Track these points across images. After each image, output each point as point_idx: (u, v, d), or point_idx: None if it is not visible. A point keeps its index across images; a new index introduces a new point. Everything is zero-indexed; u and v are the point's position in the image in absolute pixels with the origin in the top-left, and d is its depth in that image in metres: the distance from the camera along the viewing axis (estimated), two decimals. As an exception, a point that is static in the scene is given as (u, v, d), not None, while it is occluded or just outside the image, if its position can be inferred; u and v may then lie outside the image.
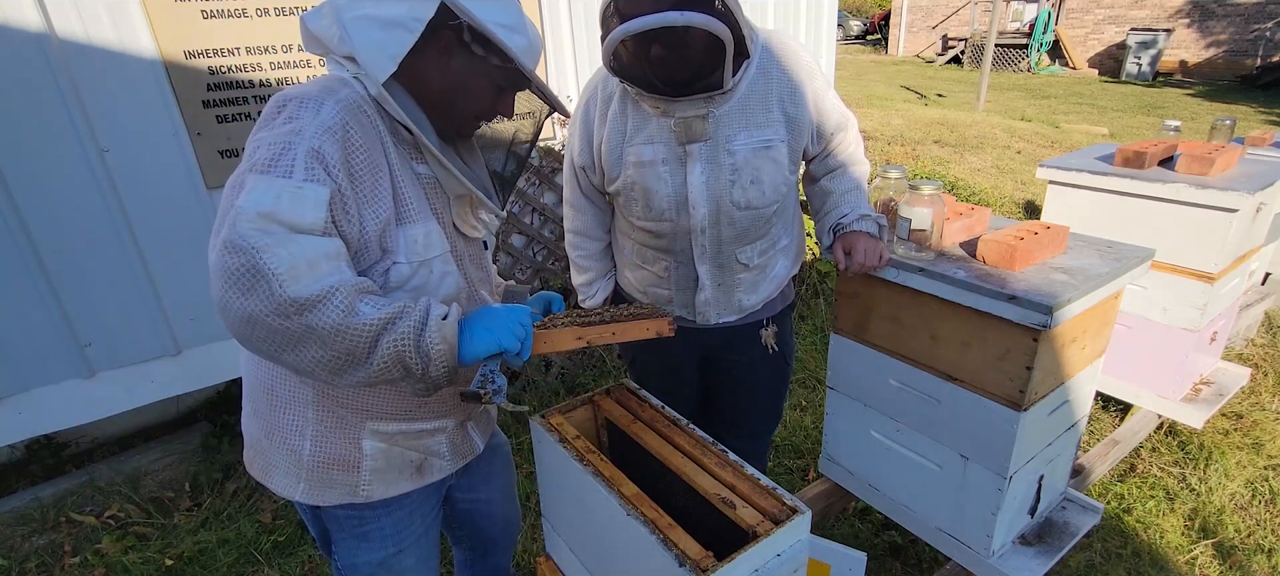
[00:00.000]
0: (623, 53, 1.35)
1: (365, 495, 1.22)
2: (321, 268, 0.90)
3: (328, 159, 0.94)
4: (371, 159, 1.02)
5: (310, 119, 0.96)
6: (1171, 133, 2.77)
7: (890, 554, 2.24)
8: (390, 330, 0.92)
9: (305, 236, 0.90)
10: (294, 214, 0.89)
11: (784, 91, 1.53)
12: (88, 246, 2.27)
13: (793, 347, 1.91)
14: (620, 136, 1.56)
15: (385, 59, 1.01)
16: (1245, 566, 2.16)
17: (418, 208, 1.11)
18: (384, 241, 1.06)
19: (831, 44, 4.28)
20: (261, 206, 0.88)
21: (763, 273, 1.69)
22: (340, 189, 0.96)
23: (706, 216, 1.55)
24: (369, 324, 0.91)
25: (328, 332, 0.89)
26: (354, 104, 1.02)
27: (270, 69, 2.48)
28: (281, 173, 0.91)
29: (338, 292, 0.89)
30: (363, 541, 1.30)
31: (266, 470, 1.24)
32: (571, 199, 1.75)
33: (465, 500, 1.52)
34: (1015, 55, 15.13)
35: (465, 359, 1.00)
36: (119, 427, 2.78)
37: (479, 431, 1.43)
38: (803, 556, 1.13)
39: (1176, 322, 2.45)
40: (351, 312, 0.90)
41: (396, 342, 0.93)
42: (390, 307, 0.94)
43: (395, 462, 1.24)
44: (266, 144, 0.94)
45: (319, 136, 0.94)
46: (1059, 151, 7.25)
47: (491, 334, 1.00)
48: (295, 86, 1.03)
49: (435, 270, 1.14)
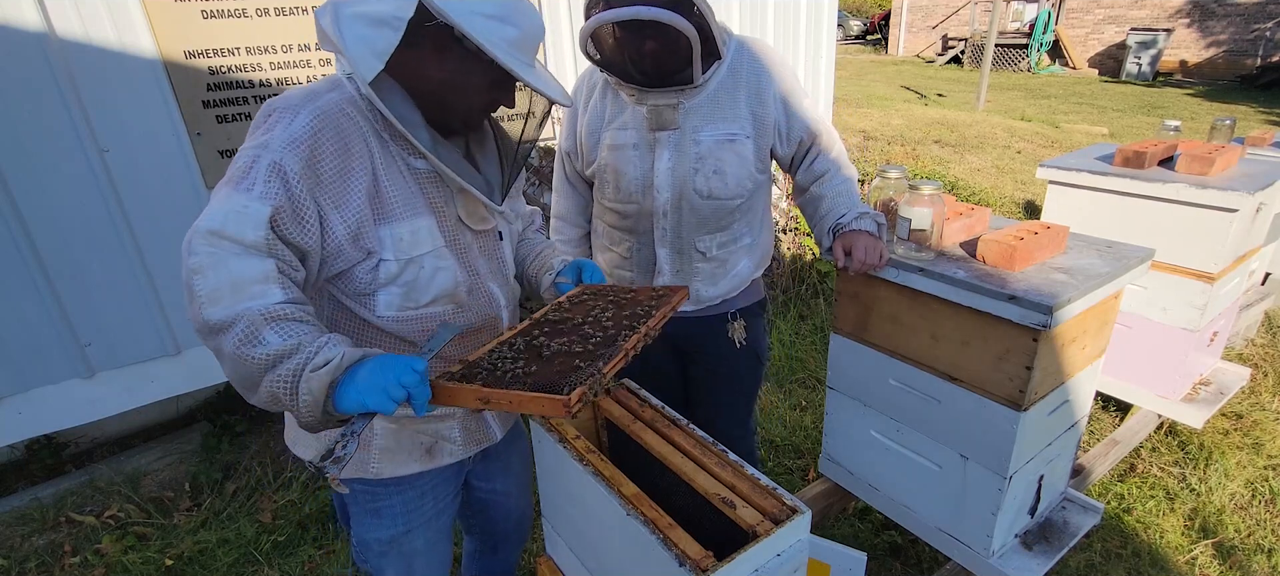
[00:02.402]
0: (605, 41, 1.49)
1: (375, 471, 1.27)
2: (247, 292, 0.93)
3: (288, 172, 0.98)
4: (343, 164, 1.04)
5: (282, 131, 1.00)
6: (1171, 133, 2.77)
7: (890, 554, 2.24)
8: (276, 367, 0.92)
9: (249, 255, 0.94)
10: (238, 231, 0.94)
11: (751, 91, 1.64)
12: (88, 246, 2.27)
13: (765, 346, 1.96)
14: (599, 121, 1.69)
15: (372, 57, 1.01)
16: (1245, 566, 2.16)
17: (406, 205, 1.12)
18: (362, 241, 1.08)
19: (831, 44, 4.28)
20: (211, 225, 0.94)
21: (722, 266, 1.75)
22: (294, 201, 0.99)
23: (669, 200, 1.65)
24: (260, 358, 0.91)
25: (228, 357, 0.93)
26: (337, 107, 1.05)
27: (270, 69, 2.48)
28: (244, 188, 0.97)
29: (242, 320, 0.91)
30: (374, 517, 1.34)
31: (294, 441, 1.31)
32: (557, 183, 1.89)
33: (483, 489, 1.54)
34: (1015, 55, 15.14)
35: (339, 411, 0.94)
36: (119, 427, 2.78)
37: (498, 419, 1.45)
38: (803, 556, 1.13)
39: (1176, 323, 2.45)
40: (251, 342, 0.91)
41: (274, 382, 0.92)
42: (287, 341, 0.92)
43: (404, 443, 1.28)
44: (240, 156, 1.00)
45: (283, 149, 0.99)
46: (1059, 151, 7.25)
47: (360, 395, 0.92)
48: (284, 94, 1.07)
49: (426, 266, 1.15)
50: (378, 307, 1.15)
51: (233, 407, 2.93)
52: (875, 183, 1.80)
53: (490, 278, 1.29)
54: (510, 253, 1.38)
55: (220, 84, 2.39)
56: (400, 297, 1.15)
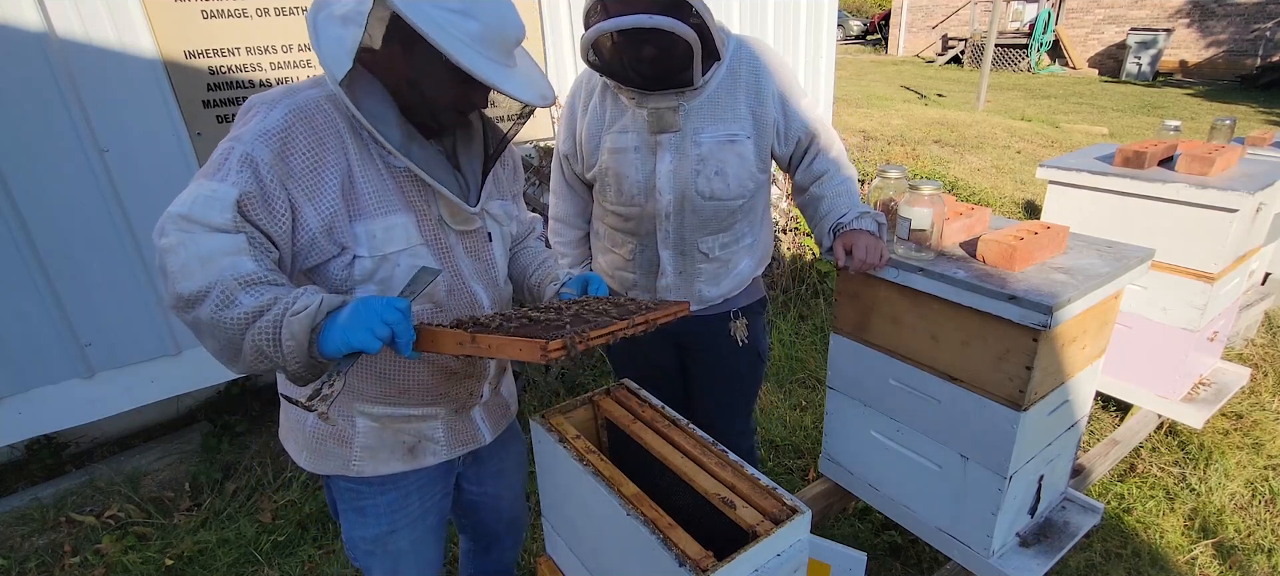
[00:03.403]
0: (605, 48, 1.49)
1: (357, 470, 1.28)
2: (216, 264, 0.94)
3: (258, 162, 1.00)
4: (316, 158, 1.05)
5: (257, 124, 1.03)
6: (1171, 133, 2.77)
7: (890, 554, 2.24)
8: (256, 322, 0.93)
9: (218, 234, 0.96)
10: (206, 215, 0.96)
11: (750, 90, 1.64)
12: (88, 246, 2.27)
13: (766, 345, 1.96)
14: (599, 125, 1.68)
15: (342, 55, 1.02)
16: (1245, 566, 2.16)
17: (380, 202, 1.12)
18: (335, 235, 1.09)
19: (831, 44, 4.28)
20: (181, 210, 0.97)
21: (724, 266, 1.75)
22: (263, 189, 1.00)
23: (671, 203, 1.65)
24: (239, 317, 0.93)
25: (207, 325, 0.94)
26: (313, 103, 1.07)
27: (270, 69, 2.48)
28: (218, 177, 0.99)
29: (216, 287, 0.93)
30: (360, 515, 1.35)
31: (285, 437, 1.34)
32: (556, 186, 1.88)
33: (473, 491, 1.54)
34: (1015, 55, 15.13)
35: (324, 354, 0.95)
36: (119, 427, 2.78)
37: (488, 422, 1.44)
38: (803, 556, 1.13)
39: (1176, 322, 2.45)
40: (227, 305, 0.93)
41: (257, 336, 0.93)
42: (262, 298, 0.94)
43: (386, 442, 1.29)
44: (218, 149, 1.03)
45: (254, 141, 1.01)
46: (1059, 151, 7.25)
47: (344, 333, 0.94)
48: (266, 91, 1.10)
49: (401, 264, 1.15)
50: None
51: (233, 407, 2.93)
52: (875, 183, 1.80)
53: (474, 278, 1.27)
54: (501, 255, 1.35)
55: (220, 84, 2.39)
56: (376, 294, 1.14)
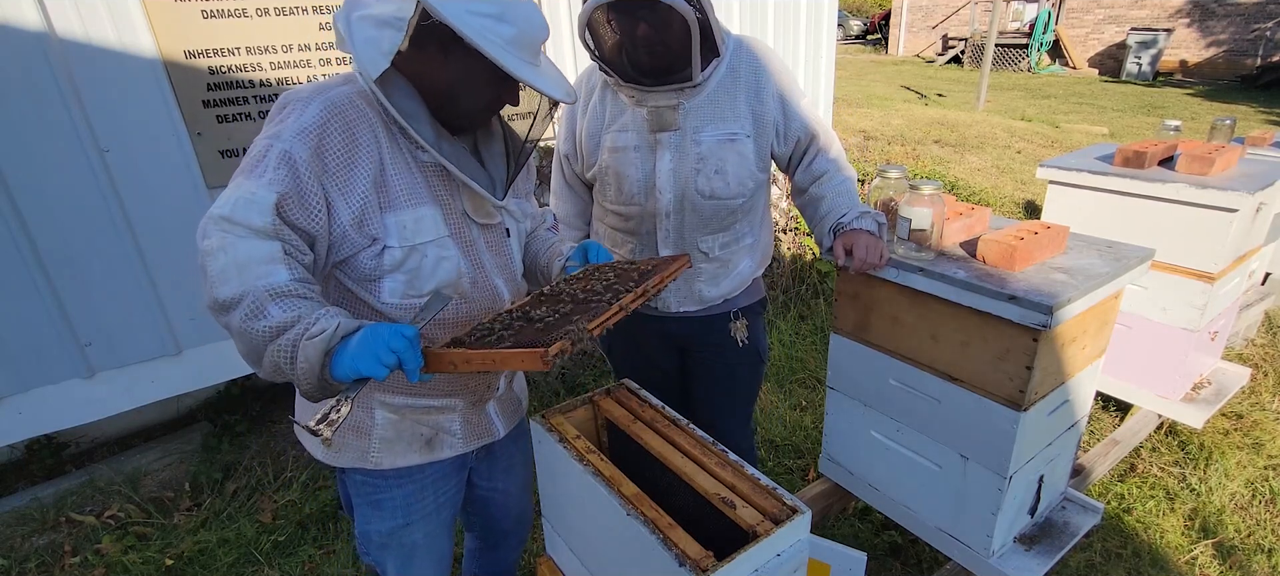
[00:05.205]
0: (601, 31, 1.48)
1: (374, 462, 1.30)
2: (252, 271, 0.98)
3: (296, 159, 1.04)
4: (350, 154, 1.09)
5: (294, 121, 1.06)
6: (1171, 132, 2.77)
7: (890, 554, 2.24)
8: (277, 339, 0.97)
9: (256, 238, 1.00)
10: (247, 217, 1.00)
11: (750, 89, 1.63)
12: (88, 246, 2.27)
13: (765, 345, 1.96)
14: (599, 124, 1.68)
15: (378, 56, 1.06)
16: (1245, 566, 2.16)
17: (410, 194, 1.17)
18: (366, 228, 1.12)
19: (831, 44, 4.28)
20: (223, 211, 1.00)
21: (724, 267, 1.75)
22: (300, 187, 1.04)
23: (671, 202, 1.65)
24: (264, 330, 0.97)
25: (237, 331, 0.98)
26: (347, 100, 1.11)
27: (270, 69, 2.48)
28: (257, 175, 1.02)
29: (248, 296, 0.97)
30: (375, 509, 1.36)
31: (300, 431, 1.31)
32: (556, 187, 1.88)
33: (484, 487, 1.55)
34: (1015, 55, 15.13)
35: (335, 378, 0.98)
36: (119, 427, 2.78)
37: (502, 416, 1.46)
38: (803, 556, 1.13)
39: (1176, 322, 2.45)
40: (256, 315, 0.97)
41: (276, 353, 0.97)
42: (288, 314, 0.97)
43: (404, 434, 1.31)
44: (255, 145, 1.06)
45: (293, 139, 1.04)
46: (1059, 151, 7.25)
47: (352, 360, 0.96)
48: (299, 87, 1.13)
49: (429, 255, 1.19)
50: (382, 294, 1.18)
51: (233, 407, 2.93)
52: (875, 183, 1.80)
53: (495, 272, 1.31)
54: (518, 251, 1.40)
55: (220, 84, 2.39)
56: (404, 284, 1.18)
